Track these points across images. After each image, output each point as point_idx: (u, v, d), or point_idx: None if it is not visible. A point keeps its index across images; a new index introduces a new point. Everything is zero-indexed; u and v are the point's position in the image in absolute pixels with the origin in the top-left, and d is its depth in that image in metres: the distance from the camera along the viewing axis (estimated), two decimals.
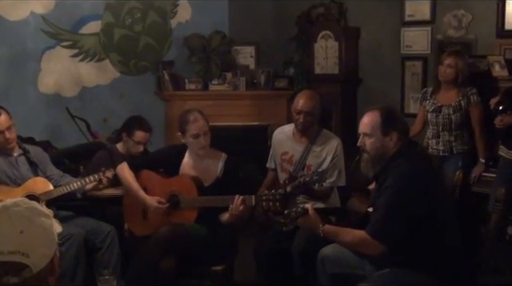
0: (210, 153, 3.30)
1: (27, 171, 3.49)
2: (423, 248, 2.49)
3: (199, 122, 3.19)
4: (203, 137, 3.19)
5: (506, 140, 3.77)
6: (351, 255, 2.72)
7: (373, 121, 2.61)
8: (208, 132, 3.21)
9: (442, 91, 4.09)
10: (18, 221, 1.27)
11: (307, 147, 3.45)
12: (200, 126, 3.18)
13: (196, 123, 3.19)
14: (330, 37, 5.32)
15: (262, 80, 5.39)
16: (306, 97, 3.45)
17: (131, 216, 3.39)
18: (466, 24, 4.74)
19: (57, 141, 4.56)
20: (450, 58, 4.01)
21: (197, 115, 3.22)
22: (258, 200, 2.91)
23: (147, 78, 5.40)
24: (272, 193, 2.87)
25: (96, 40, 5.11)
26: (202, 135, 3.18)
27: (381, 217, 2.49)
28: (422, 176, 2.54)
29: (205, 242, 3.09)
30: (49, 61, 4.86)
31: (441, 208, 2.54)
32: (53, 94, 4.91)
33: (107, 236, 3.42)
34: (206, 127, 3.21)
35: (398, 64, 5.15)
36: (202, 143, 3.19)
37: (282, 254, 3.22)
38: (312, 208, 2.68)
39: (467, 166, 3.97)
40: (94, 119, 5.03)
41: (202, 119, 3.22)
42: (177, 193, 3.19)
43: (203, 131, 3.19)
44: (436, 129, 4.08)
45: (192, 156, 3.30)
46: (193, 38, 5.39)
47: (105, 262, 3.36)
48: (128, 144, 3.87)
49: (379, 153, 2.62)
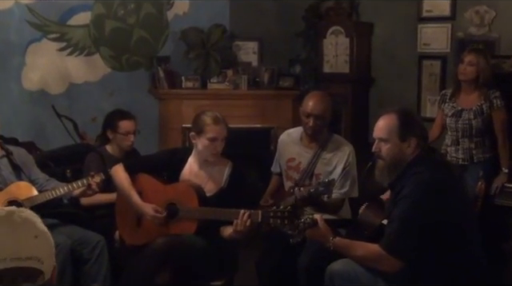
0: (216, 161, 3.29)
1: (10, 175, 3.48)
2: (443, 265, 2.48)
3: (220, 125, 3.20)
4: (220, 142, 3.20)
5: None
6: (363, 271, 2.71)
7: (389, 125, 2.61)
8: (225, 138, 3.22)
9: (463, 94, 4.09)
10: (31, 226, 1.29)
11: (316, 153, 3.44)
12: (220, 130, 3.19)
13: (217, 126, 3.19)
14: (341, 33, 5.34)
15: (266, 78, 5.39)
16: (317, 98, 3.43)
17: (124, 223, 3.37)
18: (489, 21, 4.75)
19: (41, 142, 4.56)
20: (471, 56, 4.01)
21: (219, 117, 3.23)
22: (265, 216, 2.86)
23: (140, 75, 5.40)
24: (281, 210, 2.80)
25: (85, 32, 5.11)
26: (219, 140, 3.19)
27: (397, 230, 2.48)
28: (441, 186, 2.54)
29: (203, 255, 3.07)
30: (34, 55, 4.85)
31: (463, 221, 2.55)
32: (38, 91, 4.91)
33: (96, 247, 3.42)
34: (226, 132, 3.22)
35: (415, 63, 5.17)
36: (217, 148, 3.20)
37: (286, 269, 3.21)
38: (322, 218, 2.68)
39: (489, 176, 3.97)
40: (82, 119, 5.03)
41: (224, 123, 3.23)
42: (175, 202, 3.17)
43: (222, 136, 3.20)
44: (455, 135, 4.08)
45: (197, 162, 3.30)
46: (191, 32, 5.39)
47: (93, 275, 3.37)
48: (117, 140, 3.90)
49: (396, 160, 2.62)
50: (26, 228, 1.28)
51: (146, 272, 3.00)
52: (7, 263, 1.22)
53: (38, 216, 1.38)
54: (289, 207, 2.77)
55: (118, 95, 5.22)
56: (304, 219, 2.67)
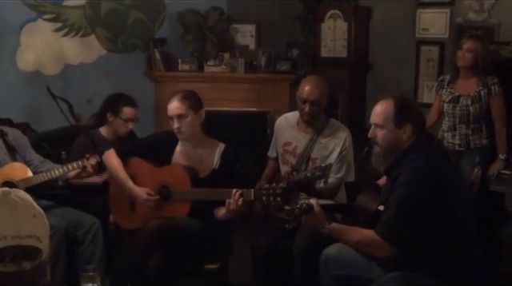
0: (206, 142, 3.29)
1: (4, 155, 3.48)
2: (437, 251, 2.49)
3: (172, 103, 3.18)
4: (177, 120, 3.16)
5: None
6: (358, 256, 2.72)
7: (386, 110, 2.60)
8: (185, 116, 3.15)
9: (461, 80, 4.08)
10: (30, 206, 1.32)
11: (313, 138, 3.44)
12: (172, 107, 3.17)
13: (169, 104, 3.19)
14: (339, 17, 5.32)
15: (263, 62, 5.38)
16: (313, 83, 3.41)
17: (117, 207, 3.38)
18: (489, 7, 4.73)
19: (36, 123, 4.55)
20: (470, 42, 3.99)
21: (175, 96, 3.21)
22: (258, 194, 2.91)
23: (136, 57, 5.39)
24: (272, 187, 2.86)
25: (81, 13, 5.08)
26: (174, 118, 3.16)
27: (392, 217, 2.49)
28: (438, 173, 2.54)
29: (198, 238, 3.08)
30: (29, 36, 4.83)
31: (458, 209, 2.55)
32: (33, 72, 4.89)
33: (90, 229, 3.43)
34: (181, 110, 3.16)
35: (413, 49, 5.15)
36: (175, 127, 3.17)
37: (281, 253, 3.22)
38: (317, 204, 2.68)
39: (485, 163, 3.98)
40: (78, 100, 5.02)
41: (178, 101, 3.18)
42: (168, 184, 3.18)
43: (176, 114, 3.15)
44: (452, 121, 4.08)
45: (185, 145, 3.29)
46: (188, 14, 5.36)
47: (88, 257, 3.38)
48: (115, 124, 3.88)
49: (392, 146, 2.61)
50: (25, 208, 1.30)
51: (139, 254, 3.01)
52: (8, 241, 1.24)
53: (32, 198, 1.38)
54: (281, 184, 2.78)
55: (114, 77, 5.21)
56: (300, 204, 2.67)
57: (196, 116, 3.19)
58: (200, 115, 3.22)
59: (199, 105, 3.23)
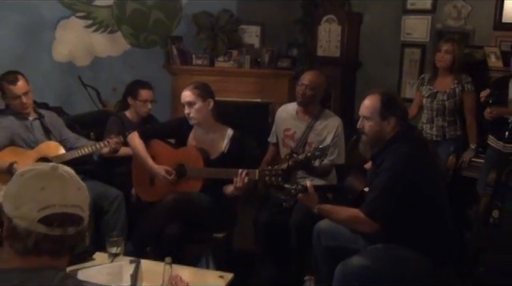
0: (217, 128, 3.28)
1: (41, 135, 3.48)
2: (415, 227, 2.51)
3: (184, 92, 3.19)
4: (187, 106, 3.16)
5: (494, 130, 3.78)
6: (346, 230, 2.74)
7: (373, 104, 2.59)
8: (193, 103, 3.14)
9: (439, 78, 4.07)
10: (74, 179, 1.33)
11: (309, 125, 3.45)
12: (183, 95, 3.18)
13: (182, 93, 3.20)
14: (334, 21, 5.29)
15: (266, 59, 5.35)
16: (312, 73, 3.48)
17: (139, 182, 3.40)
18: (465, 15, 4.72)
19: (68, 107, 4.55)
20: (448, 44, 3.99)
21: (187, 86, 3.22)
22: (261, 174, 2.91)
23: (156, 52, 5.35)
24: (275, 169, 2.86)
25: (109, 12, 5.05)
26: (185, 105, 3.16)
27: (376, 197, 2.50)
28: (418, 160, 2.54)
29: (208, 210, 3.10)
30: (63, 31, 4.81)
31: (435, 191, 2.56)
32: (66, 63, 4.88)
33: (115, 200, 3.45)
34: (190, 98, 3.15)
35: (398, 50, 5.14)
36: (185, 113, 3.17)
37: (279, 226, 3.24)
38: (311, 185, 2.68)
39: (458, 151, 3.99)
40: (105, 88, 4.99)
41: (189, 90, 3.17)
42: (184, 163, 3.18)
43: (186, 101, 3.15)
44: (430, 114, 4.08)
45: (198, 129, 3.29)
46: (201, 16, 5.33)
47: (112, 225, 3.39)
48: (135, 106, 3.89)
49: (377, 136, 2.61)
50: (71, 181, 1.31)
51: (157, 223, 3.03)
52: (56, 208, 1.24)
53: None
54: (282, 166, 2.79)
55: (137, 69, 5.18)
56: (296, 186, 2.68)
57: (203, 104, 3.16)
58: (208, 103, 3.18)
59: (208, 94, 3.20)
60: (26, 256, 1.25)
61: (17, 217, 1.24)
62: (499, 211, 3.44)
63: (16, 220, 1.24)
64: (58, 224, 1.24)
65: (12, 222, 1.25)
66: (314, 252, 2.88)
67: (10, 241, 1.26)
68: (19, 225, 1.24)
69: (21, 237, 1.24)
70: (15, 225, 1.24)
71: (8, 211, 1.26)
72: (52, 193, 1.25)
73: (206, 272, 2.65)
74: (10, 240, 1.26)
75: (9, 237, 1.26)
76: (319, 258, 2.86)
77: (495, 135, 3.76)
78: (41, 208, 1.23)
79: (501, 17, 4.49)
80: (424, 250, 2.49)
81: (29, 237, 1.23)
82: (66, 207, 1.26)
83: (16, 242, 1.25)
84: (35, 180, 1.27)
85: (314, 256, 2.90)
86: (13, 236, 1.25)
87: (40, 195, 1.25)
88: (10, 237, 1.26)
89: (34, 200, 1.24)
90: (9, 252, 1.27)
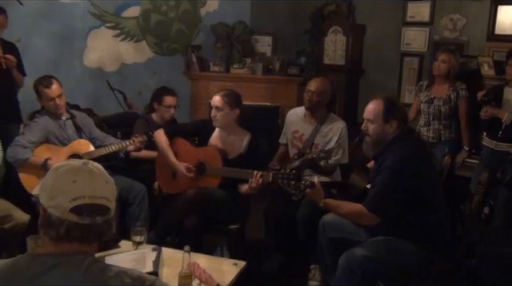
0: (238, 132, 3.27)
1: (73, 133, 3.50)
2: (413, 221, 2.48)
3: (215, 96, 3.19)
4: (214, 110, 3.17)
5: (489, 130, 3.74)
6: (349, 223, 2.72)
7: (376, 108, 2.58)
8: (221, 109, 3.15)
9: (436, 85, 4.04)
10: (103, 173, 1.33)
11: (316, 128, 3.43)
12: (214, 99, 3.18)
13: (214, 96, 3.19)
14: (339, 32, 5.27)
15: (277, 66, 5.33)
16: (318, 80, 3.46)
17: (162, 176, 3.39)
18: (461, 27, 4.68)
19: (98, 109, 4.55)
20: (444, 54, 3.96)
21: (220, 92, 3.22)
22: (275, 177, 2.84)
23: (177, 59, 5.36)
24: (287, 173, 2.76)
25: (135, 23, 5.06)
26: (213, 108, 3.17)
27: (378, 193, 2.47)
28: (416, 160, 2.52)
29: (224, 204, 3.09)
30: (94, 40, 4.82)
31: (431, 188, 2.53)
32: (96, 68, 4.89)
33: (139, 194, 3.45)
34: (218, 103, 3.16)
35: (398, 59, 5.11)
36: (212, 115, 3.18)
37: (288, 219, 3.23)
38: (318, 182, 2.66)
39: (453, 152, 3.95)
40: (131, 92, 5.02)
41: (220, 96, 3.18)
42: (204, 161, 3.18)
43: (215, 105, 3.16)
44: (427, 118, 4.04)
45: (221, 131, 3.28)
46: (219, 26, 5.34)
47: (136, 216, 3.39)
48: (160, 110, 3.90)
49: (379, 138, 2.59)
50: (100, 175, 1.32)
51: (178, 215, 3.04)
52: (86, 199, 1.25)
53: None
54: (293, 170, 2.77)
55: (159, 74, 5.20)
56: (304, 181, 2.67)
57: (231, 111, 3.17)
58: (234, 112, 3.19)
59: (236, 104, 3.20)
60: (59, 243, 1.26)
61: (51, 207, 1.25)
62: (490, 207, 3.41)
63: (50, 210, 1.25)
64: (87, 214, 1.25)
65: (47, 211, 1.26)
66: (320, 243, 2.87)
67: (45, 229, 1.27)
68: (53, 214, 1.25)
69: (54, 225, 1.25)
70: (49, 214, 1.25)
71: (43, 201, 1.27)
72: (82, 186, 1.26)
73: (221, 260, 2.64)
74: (45, 227, 1.27)
75: (44, 225, 1.27)
76: (324, 249, 2.84)
77: (489, 135, 3.72)
78: (72, 198, 1.24)
79: (493, 29, 4.46)
80: (421, 242, 2.47)
81: (61, 225, 1.24)
82: (95, 198, 1.26)
83: (50, 229, 1.26)
84: (68, 174, 1.28)
85: (319, 247, 2.89)
86: (47, 224, 1.26)
87: (72, 187, 1.25)
88: (45, 225, 1.27)
89: (66, 191, 1.25)
90: (43, 239, 1.28)
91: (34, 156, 3.29)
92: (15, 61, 3.82)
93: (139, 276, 1.27)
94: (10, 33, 3.97)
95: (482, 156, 3.81)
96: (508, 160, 3.37)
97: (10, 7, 4.03)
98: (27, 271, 1.22)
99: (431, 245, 2.48)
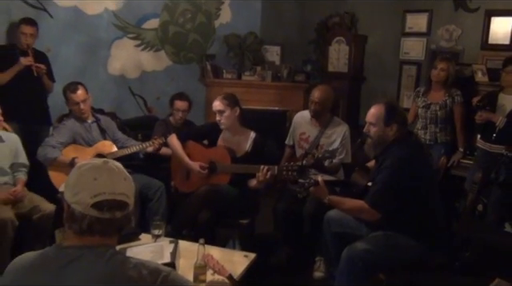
0: (242, 131, 3.26)
1: (98, 135, 3.51)
2: (411, 217, 2.45)
3: (215, 102, 3.18)
4: (218, 114, 3.15)
5: (483, 133, 3.70)
6: (351, 218, 2.70)
7: (378, 112, 2.55)
8: (223, 111, 3.13)
9: (432, 91, 4.00)
10: (122, 171, 1.32)
11: (321, 130, 3.42)
12: (215, 105, 3.17)
13: (214, 102, 3.19)
14: (343, 42, 5.24)
15: (285, 74, 5.32)
16: (320, 90, 3.41)
17: (177, 176, 3.40)
18: (456, 37, 4.64)
19: (120, 112, 4.58)
20: (443, 63, 3.91)
21: (218, 97, 3.21)
22: (280, 169, 2.88)
23: (193, 67, 5.35)
24: (291, 165, 2.82)
25: (155, 34, 5.07)
26: (217, 112, 3.16)
27: (378, 191, 2.45)
28: (414, 160, 2.49)
29: (235, 200, 3.08)
30: (117, 49, 4.84)
31: (428, 186, 2.50)
32: (119, 75, 4.91)
33: (157, 190, 3.45)
34: (220, 107, 3.13)
35: (397, 67, 5.07)
36: (217, 119, 3.17)
37: (295, 214, 3.21)
38: (322, 180, 2.64)
39: (448, 154, 3.92)
40: (150, 97, 5.04)
41: (219, 100, 3.16)
42: (214, 161, 3.18)
43: (217, 109, 3.15)
44: (424, 121, 4.00)
45: (226, 133, 3.28)
46: (231, 37, 5.33)
47: (155, 211, 3.39)
48: (173, 113, 3.90)
49: (380, 140, 2.57)
50: (119, 173, 1.31)
51: (192, 210, 3.03)
52: (106, 196, 1.24)
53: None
54: (297, 162, 2.75)
55: (177, 81, 5.20)
56: (308, 179, 2.65)
57: (232, 111, 3.16)
58: (235, 111, 3.18)
59: (235, 103, 3.20)
60: (82, 236, 1.25)
61: (74, 203, 1.25)
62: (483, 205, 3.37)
63: (73, 206, 1.25)
64: (107, 209, 1.24)
65: (70, 207, 1.25)
66: (324, 237, 2.85)
67: (69, 223, 1.26)
68: (76, 210, 1.24)
69: (77, 220, 1.24)
70: (73, 210, 1.25)
71: (67, 197, 1.26)
72: (103, 183, 1.25)
73: (232, 252, 2.62)
74: (69, 222, 1.26)
75: (68, 220, 1.27)
76: (328, 242, 2.82)
77: (483, 137, 3.67)
78: (93, 195, 1.23)
79: (487, 39, 4.41)
80: (418, 237, 2.44)
81: (83, 220, 1.23)
82: (114, 194, 1.25)
83: (73, 224, 1.25)
84: (89, 172, 1.27)
85: (323, 241, 2.87)
86: (71, 218, 1.25)
87: (93, 184, 1.24)
88: (69, 220, 1.26)
89: (87, 188, 1.24)
90: (68, 233, 1.28)
91: (62, 155, 3.30)
92: (45, 68, 3.84)
93: (156, 268, 1.26)
94: (41, 43, 4.00)
95: (476, 157, 3.76)
96: (501, 161, 3.33)
97: (41, 20, 4.05)
98: (54, 262, 1.22)
99: (428, 239, 2.44)
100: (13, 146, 3.22)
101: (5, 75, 3.64)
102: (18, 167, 3.24)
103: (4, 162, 3.17)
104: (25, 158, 3.28)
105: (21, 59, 3.65)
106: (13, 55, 3.67)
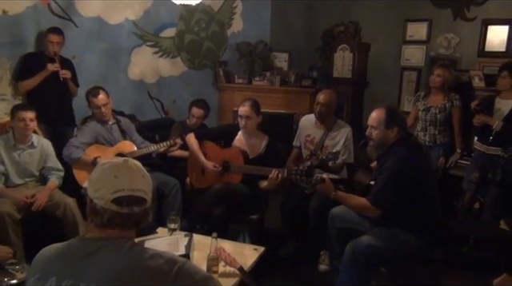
0: (258, 134, 3.26)
1: (118, 136, 3.53)
2: (411, 214, 2.43)
3: (244, 107, 3.17)
4: (244, 119, 3.15)
5: (480, 136, 3.66)
6: (355, 214, 2.68)
7: (379, 116, 2.53)
8: (251, 117, 3.15)
9: (432, 95, 3.97)
10: (140, 169, 1.33)
11: (325, 132, 3.40)
12: (243, 110, 3.16)
13: (242, 107, 3.18)
14: (347, 50, 5.22)
15: (292, 79, 5.31)
16: (325, 93, 3.41)
17: (193, 173, 3.40)
18: (454, 45, 4.60)
19: (139, 115, 4.60)
20: (439, 70, 3.89)
21: (246, 102, 3.20)
22: (289, 173, 2.83)
23: (207, 73, 5.37)
24: (300, 169, 2.74)
25: (171, 42, 5.09)
26: (243, 117, 3.15)
27: (380, 189, 2.44)
28: (414, 161, 2.46)
29: (246, 197, 3.09)
30: (136, 56, 4.86)
31: (427, 185, 2.48)
32: (138, 80, 4.93)
33: (173, 187, 3.46)
34: (248, 113, 3.15)
35: (398, 73, 5.04)
36: (242, 124, 3.17)
37: (301, 210, 3.20)
38: (328, 178, 2.64)
39: (447, 154, 3.88)
40: (167, 101, 5.05)
41: (248, 106, 3.16)
42: (228, 160, 3.18)
43: (245, 115, 3.14)
44: (424, 124, 3.97)
45: (244, 135, 3.28)
46: (242, 45, 5.34)
47: (171, 206, 3.40)
48: (189, 117, 3.92)
49: (382, 142, 2.55)
50: (138, 171, 1.31)
51: (206, 206, 3.03)
52: (125, 192, 1.25)
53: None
54: (305, 167, 2.74)
55: (191, 86, 5.22)
56: (315, 177, 2.64)
57: (257, 118, 3.19)
58: (259, 118, 3.22)
59: (259, 111, 3.22)
60: (103, 228, 1.26)
61: (96, 198, 1.26)
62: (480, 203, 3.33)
63: (95, 200, 1.26)
64: (126, 204, 1.25)
65: (93, 202, 1.26)
66: (329, 232, 2.84)
67: (91, 216, 1.28)
68: (97, 204, 1.25)
69: (98, 214, 1.25)
70: (95, 204, 1.26)
71: (90, 193, 1.28)
72: (122, 180, 1.26)
73: (243, 245, 2.63)
74: (91, 215, 1.28)
75: (90, 213, 1.28)
76: (333, 237, 2.81)
77: (480, 140, 3.63)
78: (113, 191, 1.24)
79: (484, 46, 4.38)
80: (418, 232, 2.42)
81: (104, 214, 1.25)
82: (133, 191, 1.26)
83: (95, 217, 1.26)
84: (110, 170, 1.28)
85: (328, 236, 2.85)
86: (93, 212, 1.27)
87: (113, 181, 1.26)
88: (91, 213, 1.27)
89: (108, 185, 1.25)
90: (91, 226, 1.29)
91: (86, 154, 3.33)
92: (70, 74, 3.88)
93: (172, 258, 1.26)
94: (67, 51, 4.03)
95: (473, 157, 3.73)
96: (498, 162, 3.29)
97: (67, 29, 4.09)
98: (77, 252, 1.24)
99: (428, 235, 2.42)
100: (43, 152, 3.22)
101: (33, 80, 3.68)
102: (49, 170, 3.22)
103: (33, 167, 3.17)
104: (56, 162, 3.26)
105: (48, 65, 3.69)
106: (41, 62, 3.70)
